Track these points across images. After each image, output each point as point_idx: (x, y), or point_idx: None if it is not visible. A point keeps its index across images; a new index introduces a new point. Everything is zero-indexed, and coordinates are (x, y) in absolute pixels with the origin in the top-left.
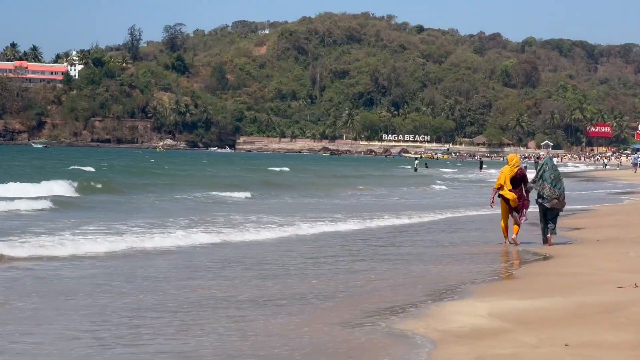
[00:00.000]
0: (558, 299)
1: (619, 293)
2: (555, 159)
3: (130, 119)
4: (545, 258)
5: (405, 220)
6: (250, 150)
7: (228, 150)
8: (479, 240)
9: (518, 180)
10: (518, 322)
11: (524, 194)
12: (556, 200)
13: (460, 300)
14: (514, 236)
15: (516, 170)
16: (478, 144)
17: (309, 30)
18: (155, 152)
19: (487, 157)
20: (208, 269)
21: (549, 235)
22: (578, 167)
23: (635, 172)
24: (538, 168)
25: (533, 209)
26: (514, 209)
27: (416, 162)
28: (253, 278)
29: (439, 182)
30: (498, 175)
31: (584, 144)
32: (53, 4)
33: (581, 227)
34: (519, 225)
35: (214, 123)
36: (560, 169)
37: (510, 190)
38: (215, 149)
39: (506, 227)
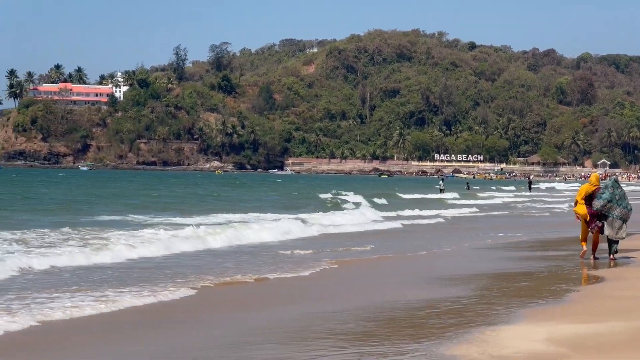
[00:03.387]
0: (616, 323)
1: None
2: None
3: (176, 140)
4: (601, 280)
5: None
6: (299, 172)
7: (288, 172)
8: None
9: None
10: (575, 348)
11: None
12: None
13: (515, 324)
14: (591, 256)
15: (594, 188)
16: (532, 164)
17: (358, 48)
18: (214, 175)
19: (542, 176)
20: None
21: (611, 256)
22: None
23: None
24: (608, 192)
25: None
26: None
27: (441, 182)
28: None
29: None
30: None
31: None
32: (98, 25)
33: (638, 249)
34: (595, 242)
35: (262, 144)
36: None
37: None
38: (275, 171)
39: (584, 240)
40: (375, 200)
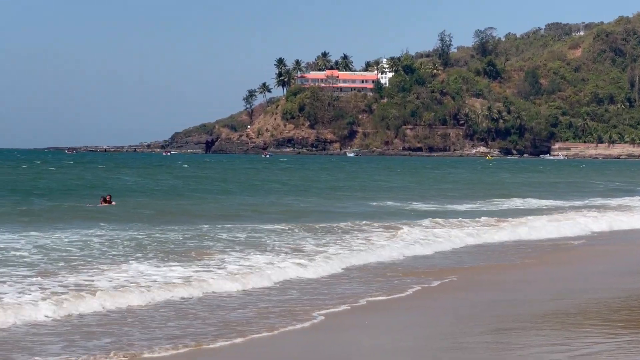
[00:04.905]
0: None
1: None
2: None
3: (442, 126)
4: None
5: None
6: (567, 157)
7: (561, 157)
8: None
9: None
10: None
11: None
12: None
13: None
14: None
15: None
16: None
17: (627, 30)
18: (487, 160)
19: None
20: None
21: None
22: None
23: None
24: None
25: None
26: None
27: None
28: None
29: None
30: None
31: None
32: (363, 12)
33: None
34: None
35: (528, 129)
36: None
37: None
38: (547, 156)
39: None
40: None
